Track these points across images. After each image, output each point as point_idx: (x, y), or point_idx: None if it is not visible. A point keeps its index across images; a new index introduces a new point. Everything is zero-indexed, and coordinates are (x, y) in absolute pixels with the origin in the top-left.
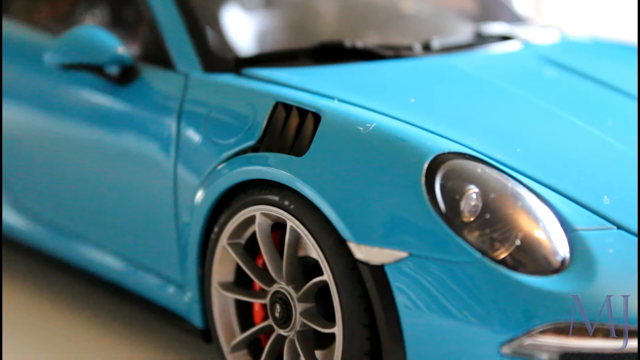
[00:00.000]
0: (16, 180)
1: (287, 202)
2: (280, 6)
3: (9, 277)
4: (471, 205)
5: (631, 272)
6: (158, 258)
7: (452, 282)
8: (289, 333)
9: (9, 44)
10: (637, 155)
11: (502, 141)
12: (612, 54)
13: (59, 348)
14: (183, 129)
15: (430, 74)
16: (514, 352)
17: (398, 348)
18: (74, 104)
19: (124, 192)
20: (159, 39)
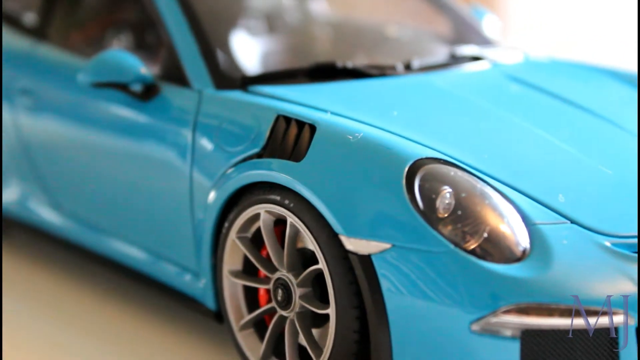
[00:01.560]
0: (54, 183)
1: (287, 201)
2: (281, 31)
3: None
4: (445, 203)
5: (582, 260)
6: (176, 249)
7: (430, 269)
8: (290, 314)
9: (48, 66)
10: (600, 159)
11: (472, 148)
12: (567, 71)
13: (93, 329)
14: (197, 138)
15: (410, 91)
16: (482, 329)
17: (383, 326)
18: (103, 117)
19: (147, 193)
20: (176, 61)
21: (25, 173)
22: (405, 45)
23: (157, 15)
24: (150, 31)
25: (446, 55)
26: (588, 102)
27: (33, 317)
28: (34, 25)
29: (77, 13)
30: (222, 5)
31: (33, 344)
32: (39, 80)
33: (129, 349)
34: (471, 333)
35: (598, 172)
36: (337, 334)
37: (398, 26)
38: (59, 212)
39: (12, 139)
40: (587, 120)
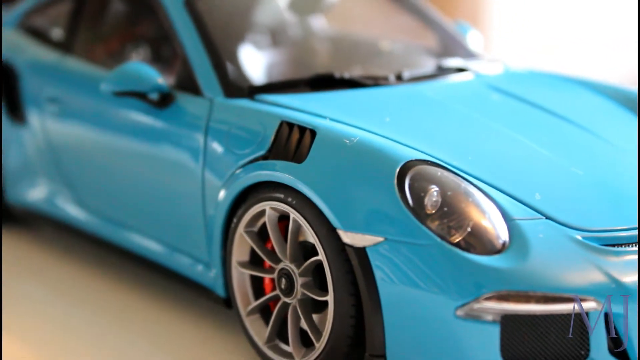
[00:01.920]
0: (79, 183)
1: (290, 199)
2: (284, 45)
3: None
4: (433, 200)
5: (556, 252)
6: (190, 242)
7: (419, 260)
8: (292, 301)
9: (74, 76)
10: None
11: (456, 151)
12: (544, 82)
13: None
14: (209, 142)
15: (401, 99)
16: (466, 314)
17: (376, 312)
18: (123, 122)
19: (163, 191)
20: (190, 72)
21: (52, 173)
22: (397, 57)
23: (172, 30)
24: (166, 45)
25: (434, 67)
26: (562, 110)
27: (56, 301)
28: (61, 39)
29: (100, 29)
30: (231, 21)
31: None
32: (65, 89)
33: (145, 331)
34: (456, 318)
35: (570, 172)
36: (335, 319)
37: (390, 40)
38: (82, 208)
39: (40, 142)
40: (561, 126)
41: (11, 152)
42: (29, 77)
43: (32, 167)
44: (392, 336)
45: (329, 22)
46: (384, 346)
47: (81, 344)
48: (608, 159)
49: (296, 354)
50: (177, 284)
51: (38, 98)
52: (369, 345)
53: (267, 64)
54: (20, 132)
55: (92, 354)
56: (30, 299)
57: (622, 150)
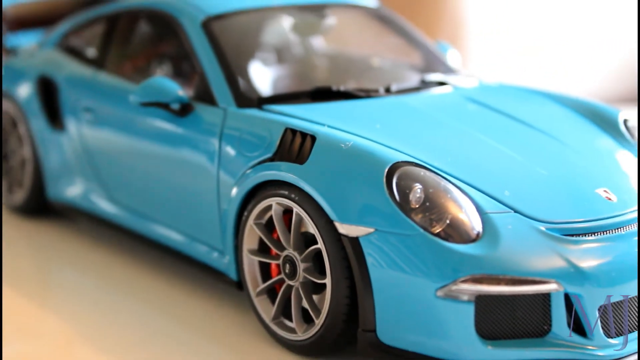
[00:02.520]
0: (110, 181)
1: (293, 195)
2: (288, 62)
3: (102, 246)
4: (417, 197)
5: (523, 241)
6: (207, 233)
7: (404, 248)
8: (295, 283)
9: (105, 89)
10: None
11: (437, 153)
12: (512, 94)
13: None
14: (223, 146)
15: (390, 109)
16: (445, 294)
17: (368, 293)
18: (149, 129)
19: (183, 188)
20: (206, 85)
21: (87, 173)
22: (386, 73)
23: (191, 49)
24: (186, 62)
25: (417, 81)
26: (528, 118)
27: (90, 284)
28: (95, 57)
29: (128, 47)
30: (242, 41)
31: (88, 304)
32: (98, 100)
33: (168, 310)
34: (436, 298)
35: (535, 172)
36: (332, 299)
37: (380, 58)
38: (114, 203)
39: (77, 146)
40: (527, 132)
41: (52, 155)
42: (67, 90)
43: (69, 168)
44: (381, 314)
45: (327, 42)
46: (374, 322)
47: (112, 320)
48: (567, 160)
49: (299, 329)
50: (196, 269)
51: (75, 108)
52: (361, 321)
53: (273, 78)
54: (59, 137)
55: (122, 329)
56: (68, 281)
57: (579, 153)
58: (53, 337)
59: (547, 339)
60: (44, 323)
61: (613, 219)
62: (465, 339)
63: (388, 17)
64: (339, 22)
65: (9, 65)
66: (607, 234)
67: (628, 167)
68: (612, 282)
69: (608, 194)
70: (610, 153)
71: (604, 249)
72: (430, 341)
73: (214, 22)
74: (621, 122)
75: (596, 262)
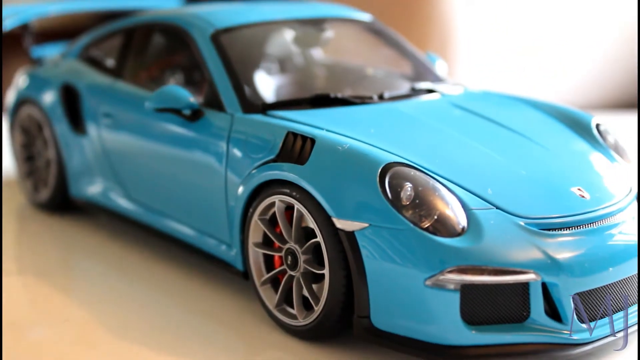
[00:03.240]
0: (127, 180)
1: (294, 193)
2: (290, 71)
3: (120, 239)
4: (407, 194)
5: (504, 234)
6: (215, 228)
7: (396, 241)
8: (296, 273)
9: (123, 96)
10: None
11: (426, 155)
12: (495, 100)
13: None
14: (230, 148)
15: (383, 114)
16: (433, 283)
17: (363, 282)
18: (162, 133)
19: (194, 187)
20: (215, 93)
21: (106, 173)
22: (379, 81)
23: (201, 60)
24: (196, 71)
25: (408, 88)
26: (508, 122)
27: (110, 273)
28: (113, 67)
29: (144, 58)
30: (248, 53)
31: (109, 291)
32: (116, 106)
33: (181, 297)
34: (425, 287)
35: (515, 172)
36: (330, 288)
37: (373, 68)
38: (130, 201)
39: (97, 149)
40: (508, 135)
41: (74, 157)
42: (88, 97)
43: (90, 168)
44: (375, 301)
45: (326, 53)
46: (368, 309)
47: (129, 307)
48: (544, 161)
49: (299, 315)
50: (205, 261)
51: (95, 113)
52: (356, 308)
53: (276, 86)
54: (81, 140)
55: (138, 315)
56: (89, 271)
57: (555, 154)
58: (75, 322)
59: (526, 324)
60: (67, 309)
61: (586, 215)
62: (451, 324)
63: (381, 30)
64: (336, 35)
65: (35, 75)
66: (581, 228)
67: (600, 167)
68: (585, 273)
69: (582, 192)
70: (583, 155)
71: (578, 242)
72: (419, 326)
73: (222, 34)
74: (594, 126)
75: (571, 254)
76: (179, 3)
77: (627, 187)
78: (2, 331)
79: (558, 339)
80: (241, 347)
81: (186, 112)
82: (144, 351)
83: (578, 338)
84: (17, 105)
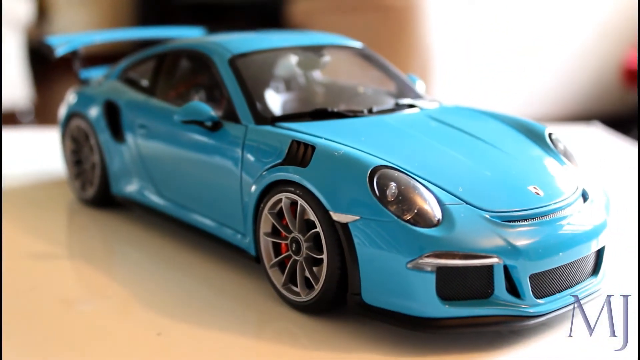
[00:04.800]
0: (159, 181)
1: (298, 191)
2: (294, 89)
3: (153, 230)
4: (392, 192)
5: (472, 225)
6: (232, 220)
7: (382, 231)
8: (300, 258)
9: (155, 110)
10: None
11: (407, 159)
12: (464, 114)
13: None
14: (245, 154)
15: (372, 125)
16: (413, 266)
17: (355, 265)
18: (188, 141)
19: (215, 186)
20: (232, 107)
21: (141, 174)
22: (368, 98)
23: (220, 80)
24: (216, 90)
25: (392, 104)
26: (476, 132)
27: (144, 258)
28: (147, 86)
29: (172, 79)
30: (259, 74)
31: (144, 274)
32: (150, 119)
33: (204, 278)
34: (407, 269)
35: (482, 173)
36: (328, 270)
37: (364, 86)
38: (161, 197)
39: (134, 154)
40: (476, 142)
41: (115, 161)
42: (126, 111)
43: (128, 171)
44: (365, 281)
45: (324, 74)
46: (360, 287)
47: (160, 285)
48: (506, 164)
49: (302, 293)
50: (223, 247)
51: (132, 125)
52: (350, 287)
53: (282, 102)
54: (120, 147)
55: (168, 292)
56: (127, 256)
57: (515, 158)
58: (116, 298)
59: (490, 299)
60: (108, 287)
61: (540, 209)
62: (428, 300)
63: (370, 55)
64: (333, 59)
65: (82, 93)
66: (536, 220)
67: (552, 169)
68: (539, 257)
69: (537, 190)
70: (538, 159)
71: (534, 231)
72: (402, 302)
73: (238, 59)
74: (547, 135)
75: (527, 242)
76: (202, 33)
77: (574, 186)
78: (56, 307)
79: (517, 312)
80: (254, 318)
81: (208, 123)
82: (172, 320)
83: (533, 311)
84: (67, 118)
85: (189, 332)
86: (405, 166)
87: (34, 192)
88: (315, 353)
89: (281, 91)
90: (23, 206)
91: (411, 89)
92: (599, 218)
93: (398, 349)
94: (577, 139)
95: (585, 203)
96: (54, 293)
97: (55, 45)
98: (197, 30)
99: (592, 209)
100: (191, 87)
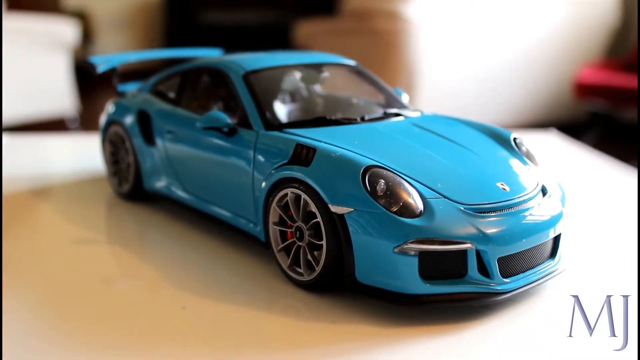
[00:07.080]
0: (184, 178)
1: (301, 187)
2: (298, 100)
3: (178, 220)
4: (381, 188)
5: (449, 216)
6: (246, 211)
7: (373, 221)
8: (302, 244)
9: (181, 118)
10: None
11: (394, 160)
12: (442, 121)
13: (200, 249)
14: (256, 155)
15: (364, 131)
16: (399, 251)
17: (350, 250)
18: (209, 145)
19: (231, 182)
20: (245, 116)
21: (169, 172)
22: (361, 108)
23: (236, 93)
24: (232, 101)
25: (381, 113)
26: (452, 136)
27: (172, 244)
28: (174, 98)
29: (195, 92)
30: (269, 87)
31: (172, 257)
32: (176, 126)
33: (222, 261)
34: (394, 253)
35: (457, 172)
36: (327, 254)
37: (357, 98)
38: (186, 192)
39: (163, 155)
40: (452, 145)
41: (146, 161)
42: (156, 119)
43: (158, 169)
44: (359, 263)
45: (323, 88)
46: (354, 269)
47: (185, 267)
48: (477, 164)
49: (305, 274)
50: (238, 234)
51: (161, 131)
52: (345, 268)
53: (288, 111)
54: (151, 150)
55: (191, 273)
56: (157, 242)
57: (485, 159)
58: (147, 278)
59: (464, 279)
60: (141, 268)
61: (507, 202)
62: (411, 279)
63: (363, 72)
64: (330, 75)
65: (120, 104)
66: (503, 212)
67: (516, 169)
68: (506, 243)
69: (503, 185)
70: (504, 159)
71: (501, 221)
72: (390, 281)
73: (250, 75)
74: (512, 139)
75: (496, 230)
76: (220, 53)
77: (535, 183)
78: (96, 285)
79: (487, 289)
80: (263, 295)
81: (225, 129)
82: (195, 296)
83: (501, 289)
84: (107, 125)
85: (209, 306)
86: (392, 166)
87: (79, 187)
88: (316, 324)
89: (287, 102)
90: (69, 199)
91: (397, 100)
92: (556, 210)
93: (386, 320)
94: (538, 143)
95: (545, 197)
96: (94, 273)
97: (97, 63)
98: (216, 51)
99: (550, 202)
100: (211, 99)
